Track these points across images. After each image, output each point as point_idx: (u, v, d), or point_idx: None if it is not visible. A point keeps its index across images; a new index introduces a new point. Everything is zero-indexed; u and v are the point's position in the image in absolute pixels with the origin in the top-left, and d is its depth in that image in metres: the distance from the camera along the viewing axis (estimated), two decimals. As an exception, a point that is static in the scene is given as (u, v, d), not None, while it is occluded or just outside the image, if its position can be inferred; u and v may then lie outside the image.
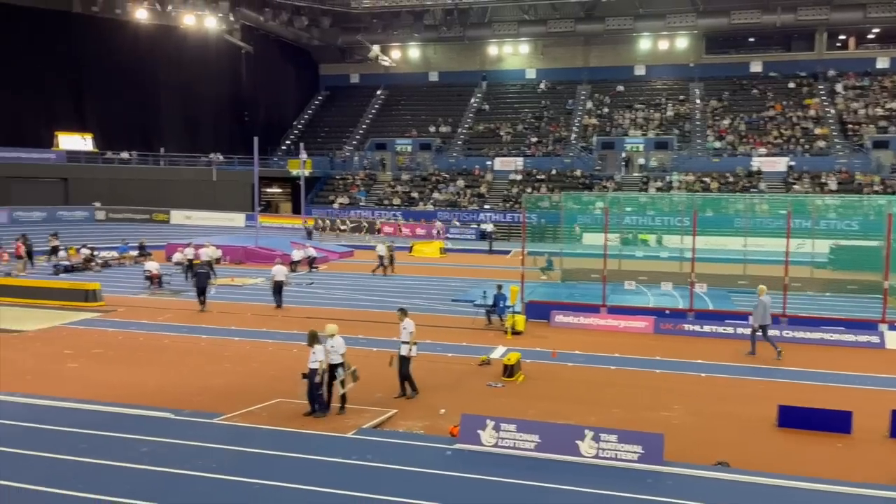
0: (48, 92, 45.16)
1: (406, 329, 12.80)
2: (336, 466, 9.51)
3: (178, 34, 49.17)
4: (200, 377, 14.27)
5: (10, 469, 9.17)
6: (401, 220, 46.50)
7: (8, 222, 38.44)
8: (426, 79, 61.85)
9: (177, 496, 8.45)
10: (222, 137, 52.44)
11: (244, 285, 26.43)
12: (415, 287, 26.43)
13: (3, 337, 17.71)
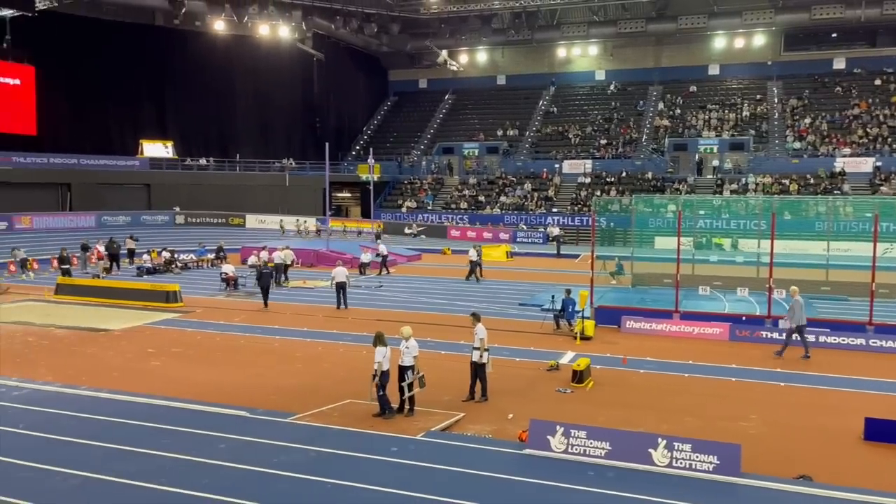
0: (134, 102, 47.54)
1: (478, 335, 12.81)
2: (404, 468, 9.60)
3: (253, 44, 50.82)
4: (274, 377, 14.66)
5: (101, 462, 9.65)
6: (468, 224, 46.60)
7: (96, 226, 40.47)
8: (494, 82, 61.85)
9: (253, 493, 8.69)
10: (295, 143, 53.85)
11: (315, 287, 27.02)
12: (482, 291, 26.42)
13: (92, 336, 18.66)
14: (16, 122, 41.94)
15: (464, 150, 55.37)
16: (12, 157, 40.33)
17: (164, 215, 44.82)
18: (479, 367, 12.81)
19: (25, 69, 42.39)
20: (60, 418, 11.50)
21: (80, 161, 43.27)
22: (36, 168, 41.33)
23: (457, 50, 60.18)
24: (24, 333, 18.71)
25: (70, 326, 19.57)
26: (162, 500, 8.56)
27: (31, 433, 10.77)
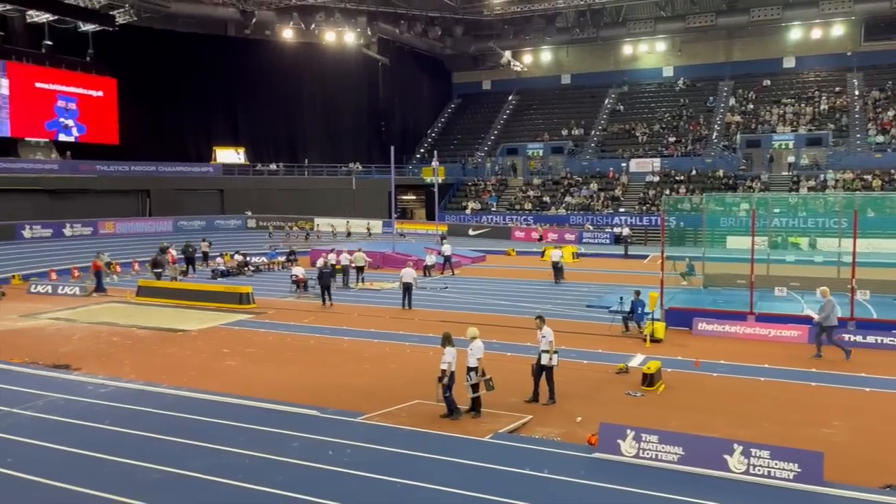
0: (207, 110, 49.38)
1: (545, 337, 12.71)
2: (473, 470, 9.61)
3: (320, 50, 51.96)
4: (343, 376, 14.92)
5: (181, 457, 10.02)
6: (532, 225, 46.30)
7: (173, 230, 42.15)
8: (558, 82, 61.31)
9: (325, 491, 8.86)
10: (361, 147, 54.71)
11: (382, 289, 27.35)
12: (547, 292, 26.20)
13: (171, 336, 19.41)
14: (100, 132, 44.15)
15: (528, 151, 55.05)
16: (96, 165, 42.43)
17: (236, 219, 46.27)
18: (547, 370, 12.72)
19: (107, 81, 44.55)
20: (143, 415, 12.00)
21: (159, 168, 45.22)
22: (118, 176, 43.36)
23: (520, 50, 59.95)
24: (108, 333, 19.63)
25: (150, 327, 20.42)
26: (238, 496, 8.82)
27: (116, 429, 11.29)
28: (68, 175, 40.78)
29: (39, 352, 16.95)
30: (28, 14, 39.74)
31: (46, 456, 10.11)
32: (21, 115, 40.21)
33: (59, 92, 42.02)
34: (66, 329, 20.29)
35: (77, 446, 10.43)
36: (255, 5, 46.86)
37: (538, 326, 12.88)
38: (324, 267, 25.02)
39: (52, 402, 12.68)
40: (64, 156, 42.56)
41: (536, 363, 12.83)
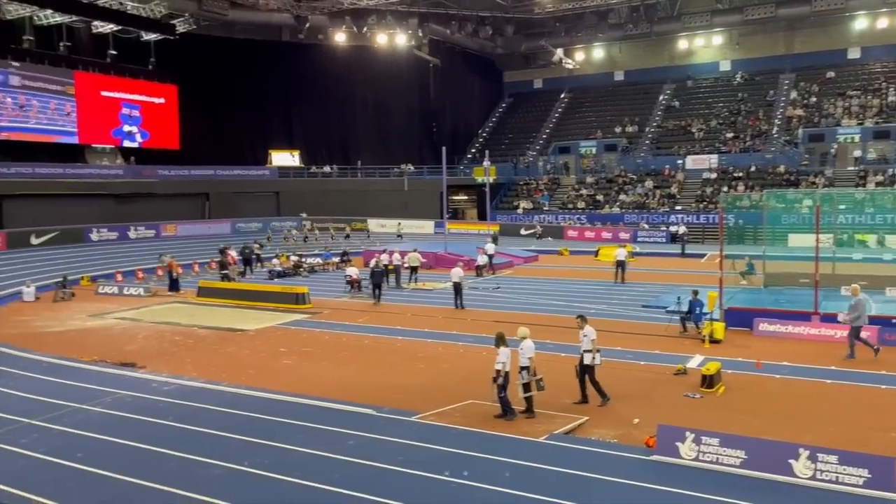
0: (263, 114, 50.49)
1: (587, 337, 12.59)
2: (529, 471, 9.55)
3: (372, 53, 52.50)
4: (397, 376, 15.03)
5: (240, 454, 10.26)
6: (586, 224, 45.79)
7: (231, 232, 43.22)
8: (611, 79, 60.47)
9: (381, 489, 8.93)
10: (412, 148, 55.01)
11: (434, 289, 27.45)
12: (602, 292, 25.85)
13: (230, 335, 19.90)
14: (162, 138, 45.61)
15: (580, 149, 54.46)
16: (158, 170, 43.85)
17: (292, 221, 47.12)
18: (589, 370, 12.59)
19: (168, 88, 45.98)
20: (204, 412, 12.33)
21: (217, 172, 46.44)
22: (179, 180, 44.71)
23: (572, 48, 59.32)
24: (171, 333, 20.25)
25: (211, 326, 20.97)
26: (296, 493, 8.98)
27: (179, 425, 11.63)
28: (132, 180, 42.25)
29: (107, 350, 17.61)
30: (93, 25, 41.34)
31: (114, 451, 10.49)
32: (88, 122, 41.84)
33: (124, 100, 43.57)
34: (132, 328, 21.02)
35: (143, 441, 10.79)
36: (309, 10, 47.66)
37: (580, 326, 12.79)
38: (375, 266, 25.57)
39: (120, 398, 13.15)
40: (128, 161, 44.11)
41: (579, 363, 12.72)
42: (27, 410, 12.30)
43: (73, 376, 14.81)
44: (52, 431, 11.31)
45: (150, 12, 40.88)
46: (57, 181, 38.44)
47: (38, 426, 11.54)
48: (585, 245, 40.58)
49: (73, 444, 10.76)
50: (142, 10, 40.39)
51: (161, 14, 41.59)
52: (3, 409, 12.34)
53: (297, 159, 51.06)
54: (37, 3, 36.81)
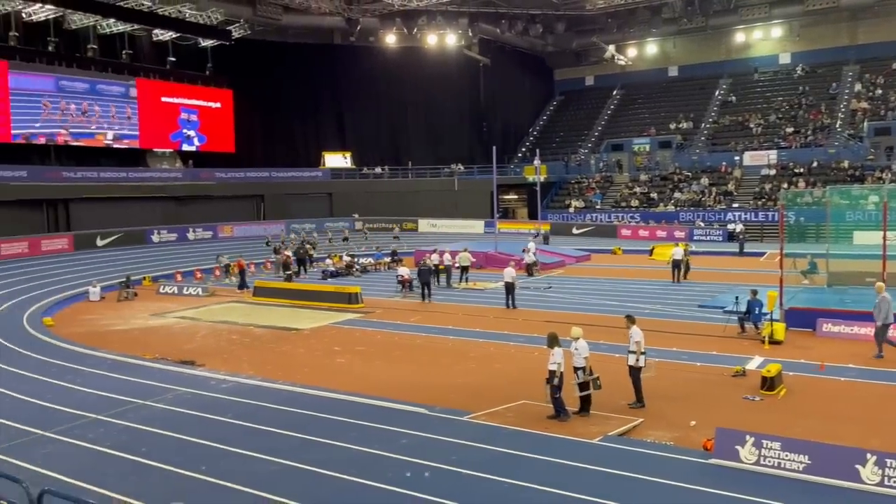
0: (316, 117, 51.37)
1: (633, 338, 12.42)
2: (583, 472, 9.44)
3: (422, 54, 52.74)
4: (449, 375, 15.06)
5: (296, 451, 10.44)
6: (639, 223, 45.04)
7: (285, 233, 43.94)
8: (665, 74, 59.35)
9: (434, 488, 8.96)
10: (462, 148, 55.04)
11: (485, 289, 27.42)
12: (657, 291, 25.38)
13: (285, 334, 20.27)
14: (218, 141, 46.81)
15: (634, 146, 53.59)
16: (215, 173, 45.01)
17: (344, 221, 47.73)
18: (634, 371, 12.42)
19: (224, 93, 47.15)
20: (261, 409, 12.59)
21: (272, 174, 47.43)
22: (235, 182, 45.84)
23: (625, 44, 58.43)
24: (228, 332, 20.75)
25: (266, 326, 21.41)
26: (351, 490, 9.08)
27: (237, 422, 11.90)
28: (190, 182, 43.47)
29: (168, 348, 18.16)
30: (154, 33, 42.72)
31: (176, 446, 10.80)
32: (149, 127, 43.23)
33: (182, 105, 44.88)
34: (191, 327, 21.62)
35: (202, 437, 11.08)
36: (360, 13, 48.18)
37: (627, 326, 12.63)
38: (422, 265, 25.94)
39: (180, 395, 13.53)
40: (187, 165, 45.42)
41: (628, 364, 12.57)
42: (94, 406, 12.77)
43: (136, 373, 15.31)
44: (118, 426, 11.71)
45: (208, 19, 41.98)
46: (120, 185, 39.85)
47: (105, 421, 11.96)
48: (639, 244, 39.92)
49: (137, 438, 11.12)
50: (199, 17, 41.51)
51: (217, 20, 42.65)
52: (72, 405, 12.84)
53: (349, 161, 51.69)
54: (101, 13, 38.21)
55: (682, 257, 28.03)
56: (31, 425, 11.68)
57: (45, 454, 10.43)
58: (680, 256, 27.90)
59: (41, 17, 37.52)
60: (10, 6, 35.79)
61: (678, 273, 27.57)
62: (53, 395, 13.60)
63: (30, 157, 38.58)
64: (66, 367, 15.89)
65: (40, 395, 13.61)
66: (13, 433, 11.34)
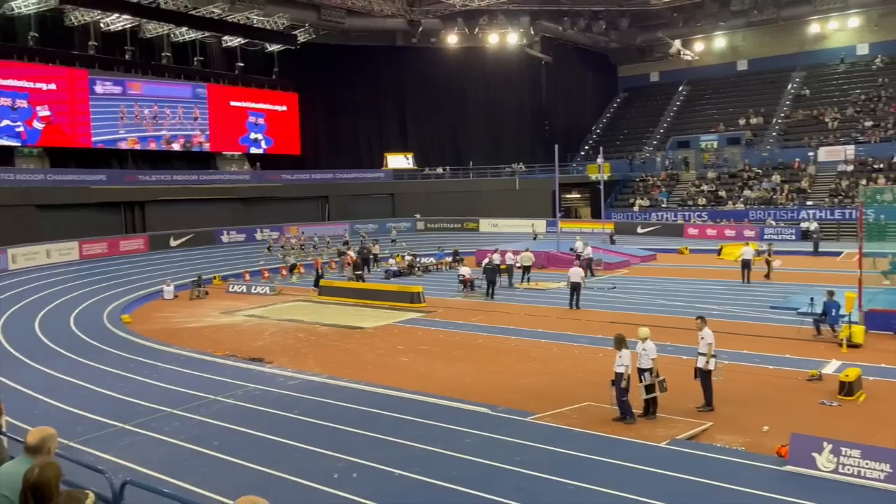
0: (379, 119, 52.08)
1: (704, 339, 12.10)
2: (649, 476, 9.25)
3: (484, 54, 52.73)
4: (511, 376, 15.00)
5: (362, 448, 10.57)
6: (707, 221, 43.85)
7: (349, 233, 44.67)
8: (734, 69, 57.60)
9: (498, 488, 8.94)
10: (524, 147, 54.77)
11: (548, 289, 27.20)
12: (726, 292, 24.66)
13: (349, 332, 20.59)
14: (284, 144, 47.98)
15: (701, 143, 52.18)
16: (281, 175, 46.12)
17: (406, 222, 48.17)
18: (703, 374, 12.08)
19: (290, 96, 48.27)
20: (327, 406, 12.82)
21: (336, 175, 48.30)
22: (301, 184, 46.87)
23: (691, 38, 56.95)
24: (295, 330, 21.22)
25: (331, 324, 21.80)
26: (415, 488, 9.15)
27: (304, 418, 12.16)
28: (258, 184, 44.65)
29: (237, 345, 18.70)
30: (223, 39, 44.09)
31: (246, 440, 11.10)
32: (219, 131, 44.64)
33: (250, 109, 46.16)
34: (259, 325, 22.21)
35: (271, 433, 11.35)
36: (422, 14, 48.51)
37: (698, 328, 12.31)
38: (487, 264, 26.14)
39: (250, 391, 13.91)
40: (254, 167, 46.69)
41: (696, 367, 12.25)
42: (169, 400, 13.26)
43: (208, 369, 15.81)
44: (191, 420, 12.13)
45: (274, 24, 43.04)
46: (192, 187, 41.27)
47: (179, 415, 12.41)
48: (706, 243, 38.88)
49: (209, 432, 11.48)
50: (266, 23, 42.59)
51: (284, 26, 43.69)
52: (148, 399, 13.36)
53: (411, 161, 52.12)
54: (174, 22, 39.70)
55: (751, 257, 27.15)
56: (111, 418, 12.21)
57: (124, 446, 10.89)
58: (750, 256, 27.04)
59: (118, 27, 39.20)
60: (90, 17, 37.54)
61: (748, 273, 26.72)
62: (131, 389, 14.19)
63: (109, 162, 40.40)
64: (142, 362, 16.55)
65: (119, 388, 14.22)
66: (95, 425, 11.88)
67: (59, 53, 37.94)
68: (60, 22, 37.71)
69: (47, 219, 34.24)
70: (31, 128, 36.72)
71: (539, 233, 43.47)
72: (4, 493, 4.53)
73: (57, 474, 4.05)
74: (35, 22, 36.43)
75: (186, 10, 38.91)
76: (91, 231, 35.74)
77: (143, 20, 39.00)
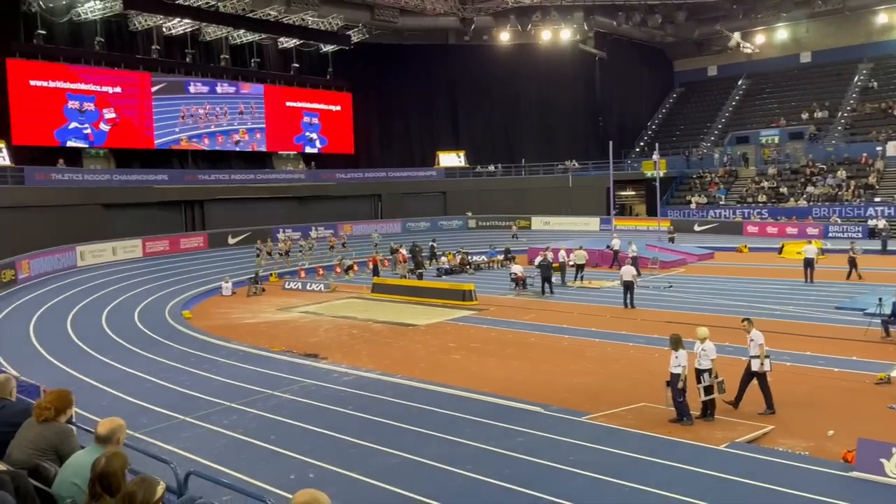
0: (431, 117, 52.26)
1: (754, 341, 11.80)
2: (707, 479, 9.04)
3: (536, 50, 52.33)
4: (565, 375, 14.87)
5: (415, 444, 10.64)
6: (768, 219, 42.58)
7: (401, 231, 45.04)
8: (796, 61, 55.74)
9: (551, 488, 8.87)
10: (577, 144, 54.15)
11: (601, 288, 26.86)
12: (788, 292, 23.91)
13: (402, 329, 20.75)
14: (338, 143, 48.63)
15: (761, 138, 50.71)
16: (336, 174, 46.75)
17: (458, 220, 48.22)
18: (759, 376, 11.77)
19: (344, 96, 48.89)
20: (381, 402, 12.94)
21: (389, 174, 48.71)
22: (354, 182, 47.44)
23: (751, 31, 55.34)
24: (349, 326, 21.50)
25: (384, 321, 22.00)
26: (467, 485, 9.15)
27: (358, 414, 12.30)
28: (312, 183, 45.37)
29: (293, 341, 19.06)
30: (279, 41, 44.96)
31: (302, 435, 11.30)
32: (275, 131, 45.54)
33: (305, 109, 46.95)
34: (314, 321, 22.57)
35: (326, 428, 11.52)
36: (474, 12, 48.45)
37: (746, 329, 12.04)
38: (543, 260, 26.15)
39: (305, 387, 14.16)
40: (309, 166, 47.47)
41: (746, 369, 11.97)
42: (228, 394, 13.59)
43: (265, 364, 16.15)
44: (249, 414, 12.41)
45: (329, 25, 43.64)
46: (249, 186, 42.20)
47: (237, 409, 12.71)
48: (767, 241, 37.79)
49: (266, 426, 11.73)
50: (321, 23, 43.22)
51: (338, 26, 44.25)
52: (208, 393, 13.73)
53: (463, 159, 52.15)
54: (232, 25, 40.68)
55: (814, 255, 26.24)
56: (173, 410, 12.59)
57: (186, 437, 11.21)
58: (813, 255, 26.12)
59: (179, 31, 40.40)
60: (153, 21, 38.78)
61: (811, 272, 25.82)
62: (192, 382, 14.60)
63: (170, 161, 41.66)
64: (203, 357, 17.01)
65: (181, 382, 14.65)
66: (158, 417, 12.27)
67: (123, 58, 39.31)
68: (125, 27, 39.10)
69: (113, 217, 35.51)
70: (98, 130, 38.17)
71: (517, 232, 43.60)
72: (75, 481, 4.72)
73: (123, 464, 4.20)
74: (101, 28, 37.82)
75: (244, 12, 39.80)
76: (153, 229, 36.91)
77: (202, 24, 40.08)
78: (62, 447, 5.33)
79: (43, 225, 31.18)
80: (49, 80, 36.20)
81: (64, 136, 37.01)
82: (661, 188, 41.89)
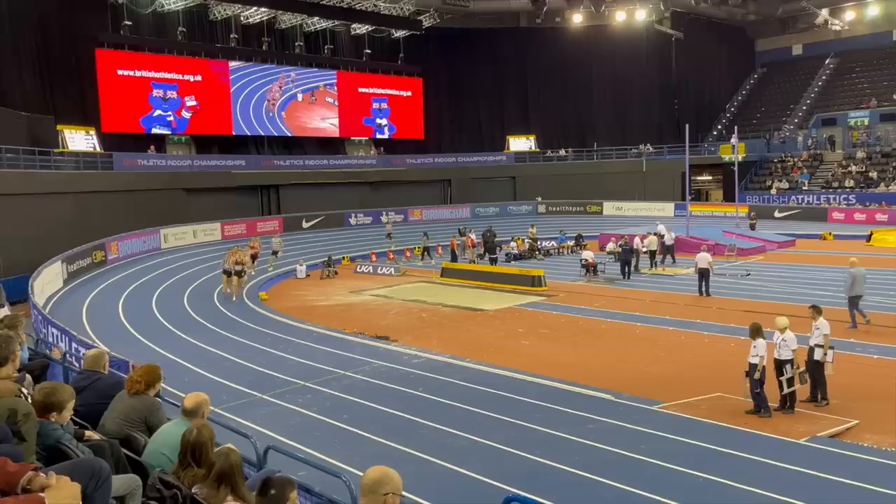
0: (501, 101, 51.92)
1: (819, 330, 11.34)
2: (788, 474, 8.75)
3: (610, 32, 51.14)
4: (636, 363, 14.62)
5: (483, 428, 10.70)
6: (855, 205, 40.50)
7: (470, 216, 45.06)
8: (889, 38, 52.54)
9: (622, 476, 8.77)
10: (651, 128, 52.72)
11: (676, 275, 26.22)
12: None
13: (471, 314, 20.82)
14: (408, 128, 48.97)
15: (849, 120, 48.13)
16: (406, 159, 47.13)
17: (527, 205, 47.89)
18: (818, 367, 11.34)
19: (414, 81, 49.11)
20: (450, 385, 13.06)
21: (458, 159, 48.74)
22: (424, 167, 47.69)
23: (840, 7, 52.40)
24: (419, 310, 21.73)
25: (453, 305, 22.12)
26: (536, 469, 9.14)
27: (428, 396, 12.45)
28: (383, 168, 45.89)
29: (365, 324, 19.40)
30: (352, 27, 45.50)
31: (373, 415, 11.53)
32: (347, 117, 46.24)
33: (375, 95, 47.45)
34: (385, 305, 22.92)
35: (397, 409, 11.72)
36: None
37: (812, 317, 11.63)
38: (625, 245, 26.65)
39: (377, 368, 14.42)
40: (379, 151, 48.01)
41: (808, 358, 11.48)
42: (303, 374, 13.99)
43: (338, 345, 16.53)
44: (323, 394, 12.74)
45: (400, 11, 43.87)
46: (322, 171, 43.02)
47: (311, 388, 13.07)
48: (854, 228, 35.99)
49: (339, 406, 12.02)
50: (393, 9, 43.49)
51: (409, 11, 44.43)
52: (284, 372, 14.17)
53: (533, 144, 51.65)
54: (307, 12, 41.46)
55: None
56: (251, 388, 13.06)
57: (263, 414, 11.62)
58: None
59: (256, 20, 41.44)
60: (231, 11, 39.90)
61: None
62: (268, 361, 15.09)
63: (247, 147, 42.90)
64: (278, 337, 17.54)
65: (258, 361, 15.16)
66: (238, 394, 12.76)
67: (203, 47, 40.62)
68: (205, 17, 40.39)
69: (194, 201, 36.88)
70: (180, 117, 39.65)
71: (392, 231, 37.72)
72: (163, 451, 4.98)
73: (211, 435, 4.41)
74: (183, 17, 39.17)
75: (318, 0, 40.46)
76: (232, 213, 38.13)
77: (278, 11, 40.97)
78: (151, 419, 5.62)
79: (130, 209, 32.67)
80: (135, 70, 37.81)
81: (149, 124, 38.65)
82: (739, 173, 40.43)
